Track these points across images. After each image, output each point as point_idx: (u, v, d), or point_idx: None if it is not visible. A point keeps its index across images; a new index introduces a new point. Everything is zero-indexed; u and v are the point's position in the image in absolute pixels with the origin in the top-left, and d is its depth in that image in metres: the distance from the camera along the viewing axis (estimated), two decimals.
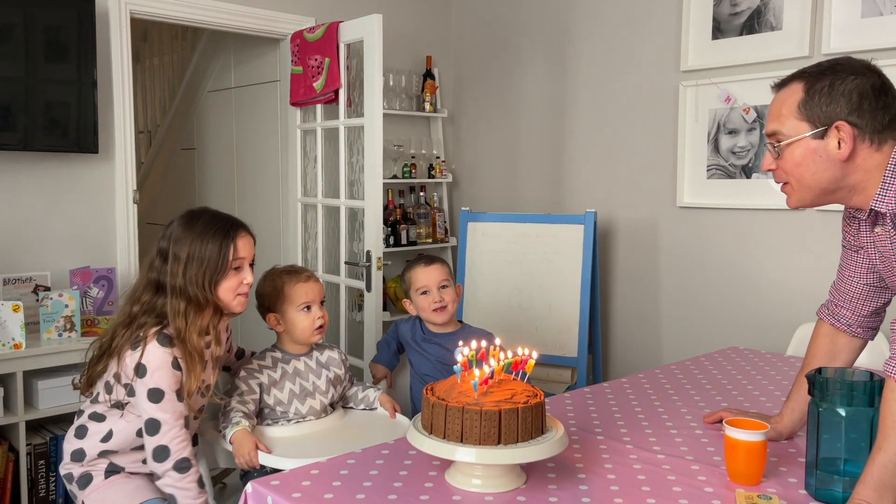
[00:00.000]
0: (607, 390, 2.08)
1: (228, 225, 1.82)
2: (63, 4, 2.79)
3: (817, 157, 1.35)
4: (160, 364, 1.71)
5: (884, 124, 1.31)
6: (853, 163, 1.34)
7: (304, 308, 2.04)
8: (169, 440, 1.70)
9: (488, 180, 4.09)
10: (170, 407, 1.71)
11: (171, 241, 1.78)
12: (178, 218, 1.83)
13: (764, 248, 3.07)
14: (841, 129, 1.32)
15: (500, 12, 3.97)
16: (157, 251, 1.80)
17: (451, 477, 1.45)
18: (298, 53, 3.46)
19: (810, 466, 1.39)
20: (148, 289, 1.79)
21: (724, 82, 3.10)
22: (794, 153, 1.37)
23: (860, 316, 1.58)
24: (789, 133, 1.36)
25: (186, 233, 1.78)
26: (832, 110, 1.32)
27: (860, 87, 1.31)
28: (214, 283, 1.78)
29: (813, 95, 1.34)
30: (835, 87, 1.32)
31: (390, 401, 2.13)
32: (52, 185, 2.92)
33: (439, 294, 2.26)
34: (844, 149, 1.32)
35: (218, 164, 4.34)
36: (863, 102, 1.31)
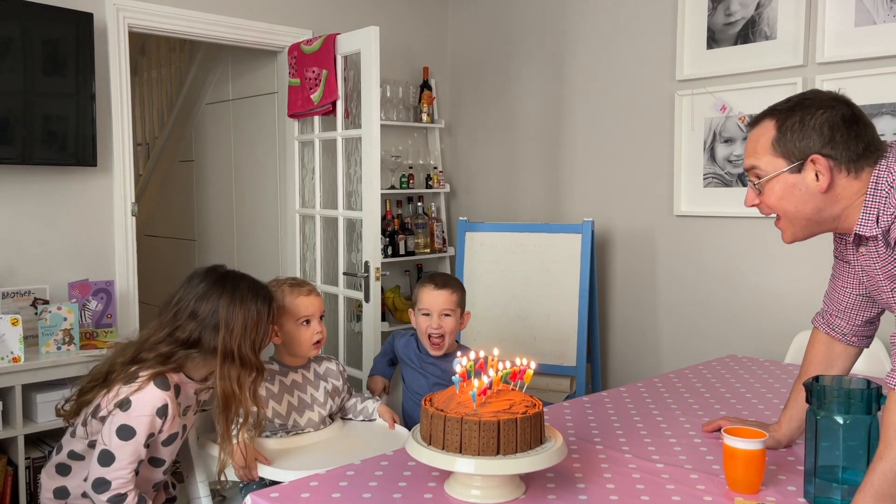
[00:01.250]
0: (606, 399, 2.09)
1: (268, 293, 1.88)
2: (62, 18, 2.80)
3: (797, 190, 1.38)
4: (146, 406, 1.69)
5: (858, 153, 1.34)
6: (833, 193, 1.36)
7: (303, 322, 2.04)
8: (114, 477, 1.69)
9: (486, 190, 4.10)
10: (132, 449, 1.69)
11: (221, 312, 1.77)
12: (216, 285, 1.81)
13: (761, 256, 3.08)
14: (817, 163, 1.35)
15: (497, 23, 3.99)
16: (190, 313, 1.78)
17: (450, 488, 1.45)
18: (296, 65, 3.48)
19: (809, 474, 1.40)
20: (167, 343, 1.77)
21: (720, 91, 3.12)
22: (774, 189, 1.40)
23: (854, 325, 1.59)
24: (767, 169, 1.40)
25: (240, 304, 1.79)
26: (805, 145, 1.35)
27: (830, 119, 1.34)
28: (261, 347, 1.84)
29: (785, 132, 1.37)
30: (805, 122, 1.35)
31: (389, 412, 2.13)
32: (50, 198, 2.92)
33: (438, 321, 2.22)
34: (822, 181, 1.35)
35: (216, 175, 4.35)
36: (835, 134, 1.34)
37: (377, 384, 2.38)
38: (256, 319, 1.80)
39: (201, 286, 1.80)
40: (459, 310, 2.27)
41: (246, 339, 1.78)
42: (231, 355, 1.76)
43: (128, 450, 1.68)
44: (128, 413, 1.68)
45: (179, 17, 3.19)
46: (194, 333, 1.76)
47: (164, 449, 1.79)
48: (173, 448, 1.82)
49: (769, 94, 2.96)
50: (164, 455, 1.81)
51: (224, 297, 1.78)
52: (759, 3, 3.01)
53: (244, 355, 1.77)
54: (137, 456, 1.70)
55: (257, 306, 1.80)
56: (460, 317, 2.27)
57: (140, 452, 1.71)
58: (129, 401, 1.69)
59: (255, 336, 1.80)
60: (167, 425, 1.74)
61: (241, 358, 1.77)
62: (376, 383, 2.38)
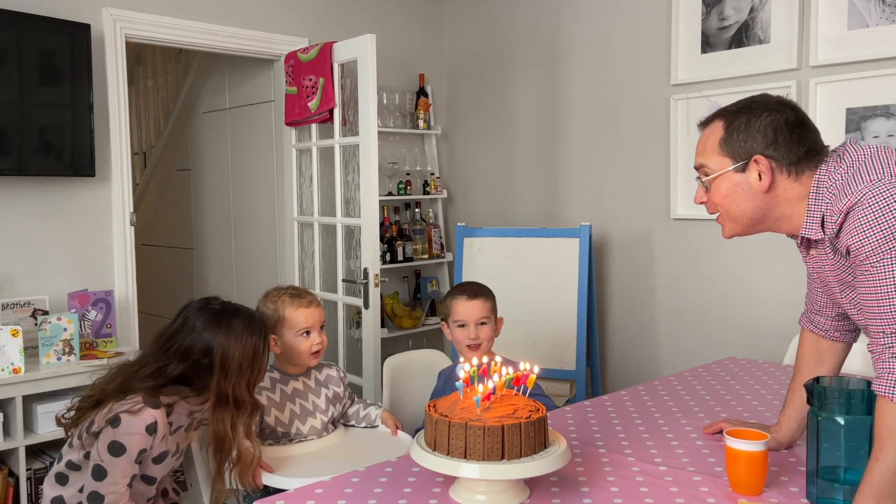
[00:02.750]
0: (607, 403, 2.09)
1: (263, 327, 1.85)
2: (58, 29, 2.81)
3: (741, 189, 1.43)
4: (136, 425, 1.69)
5: (799, 156, 1.40)
6: (774, 193, 1.42)
7: (302, 333, 2.04)
8: (107, 492, 1.69)
9: (483, 195, 4.12)
10: (123, 465, 1.69)
11: (216, 353, 1.74)
12: (211, 323, 1.77)
13: (758, 259, 3.09)
14: (759, 163, 1.40)
15: (492, 30, 4.01)
16: (183, 351, 1.76)
17: (455, 493, 1.46)
18: (293, 74, 3.49)
19: (811, 475, 1.41)
20: (156, 377, 1.76)
21: (714, 95, 3.14)
22: (720, 187, 1.46)
23: (833, 320, 1.63)
24: (714, 168, 1.45)
25: (236, 343, 1.75)
26: (750, 145, 1.41)
27: (774, 122, 1.40)
28: (256, 384, 1.83)
29: (732, 133, 1.43)
30: (751, 124, 1.41)
31: (392, 418, 2.14)
32: (48, 209, 2.92)
33: (476, 331, 2.20)
34: (764, 180, 1.41)
35: (213, 184, 4.35)
36: (777, 137, 1.39)
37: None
38: (252, 358, 1.77)
39: (196, 322, 1.76)
40: (493, 316, 2.26)
41: (241, 379, 1.75)
42: (225, 398, 1.74)
43: (119, 465, 1.69)
44: (117, 430, 1.68)
45: (176, 26, 3.20)
46: (186, 371, 1.75)
47: (154, 467, 1.79)
48: (164, 466, 1.81)
49: None
50: (155, 473, 1.80)
51: (219, 336, 1.74)
52: (752, 8, 3.03)
53: (239, 397, 1.75)
54: (130, 471, 1.70)
55: (253, 342, 1.77)
56: (495, 323, 2.26)
57: (132, 468, 1.71)
58: (119, 418, 1.68)
59: (251, 375, 1.78)
60: (157, 442, 1.73)
61: (235, 400, 1.75)
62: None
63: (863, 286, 1.32)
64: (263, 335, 1.82)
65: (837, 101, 2.83)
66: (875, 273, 1.29)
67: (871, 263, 1.29)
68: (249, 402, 1.78)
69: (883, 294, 1.28)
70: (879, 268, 1.28)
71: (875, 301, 1.29)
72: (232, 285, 4.20)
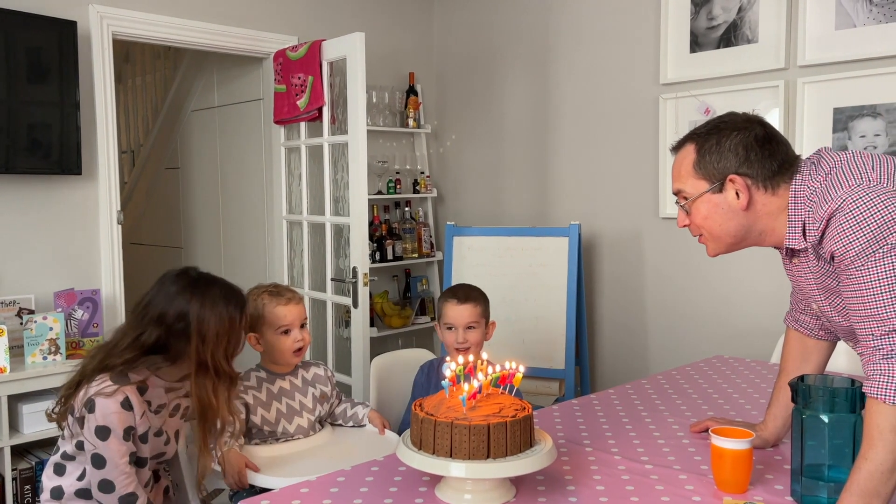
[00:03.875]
0: (595, 401, 2.10)
1: (242, 299, 1.82)
2: (45, 26, 2.79)
3: (720, 209, 1.45)
4: (109, 404, 1.68)
5: (773, 170, 1.41)
6: (754, 210, 1.43)
7: (283, 331, 2.03)
8: (115, 476, 1.68)
9: (473, 194, 4.12)
10: (116, 446, 1.68)
11: (192, 318, 1.72)
12: (186, 289, 1.75)
13: (746, 258, 3.09)
14: (735, 182, 1.41)
15: (482, 29, 4.01)
16: (158, 317, 1.73)
17: (441, 492, 1.46)
18: (282, 72, 3.48)
19: (795, 473, 1.41)
20: (133, 348, 1.74)
21: (703, 94, 3.15)
22: (700, 209, 1.47)
23: (818, 319, 1.64)
24: (691, 191, 1.47)
25: (211, 313, 1.73)
26: (723, 165, 1.42)
27: (744, 140, 1.41)
28: (233, 355, 1.80)
29: (704, 155, 1.44)
30: (722, 144, 1.42)
31: (379, 417, 2.13)
32: (35, 207, 2.90)
33: (464, 335, 2.20)
34: (742, 199, 1.42)
35: (202, 183, 4.33)
36: (749, 154, 1.41)
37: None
38: (228, 327, 1.74)
39: (172, 289, 1.75)
40: (484, 321, 2.24)
41: (219, 347, 1.73)
42: (205, 365, 1.72)
43: (112, 447, 1.68)
44: (96, 414, 1.68)
45: (164, 24, 3.19)
46: (161, 339, 1.72)
47: (142, 446, 1.77)
48: (152, 446, 1.79)
49: (752, 96, 3.01)
50: (144, 452, 1.78)
51: (194, 301, 1.72)
52: (740, 7, 3.04)
53: (218, 365, 1.74)
54: (125, 449, 1.69)
55: (229, 312, 1.75)
56: (485, 328, 2.25)
57: (125, 445, 1.70)
58: (93, 401, 1.68)
59: (228, 344, 1.75)
60: (139, 420, 1.72)
61: (215, 368, 1.73)
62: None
63: (848, 290, 1.33)
64: (241, 307, 1.78)
65: (825, 100, 2.85)
66: (860, 277, 1.29)
67: (856, 267, 1.30)
68: (229, 372, 1.76)
69: (869, 297, 1.29)
70: (864, 271, 1.29)
71: (861, 304, 1.30)
72: None
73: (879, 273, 1.27)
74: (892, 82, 2.70)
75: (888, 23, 2.69)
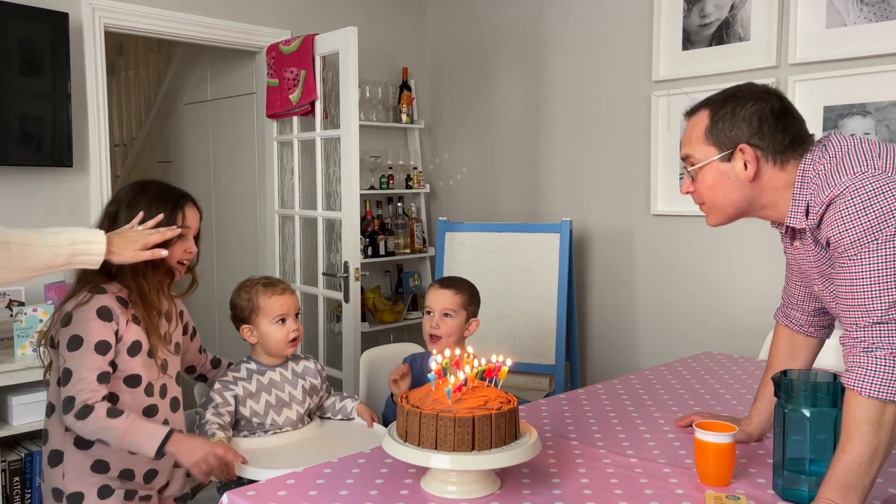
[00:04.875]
0: (582, 396, 2.11)
1: (179, 194, 1.85)
2: (37, 18, 2.78)
3: (726, 178, 1.43)
4: (86, 312, 1.68)
5: (784, 145, 1.40)
6: (760, 182, 1.42)
7: (278, 321, 2.04)
8: (76, 391, 1.66)
9: (465, 190, 4.12)
10: (86, 359, 1.67)
11: (124, 204, 1.77)
12: (128, 185, 1.85)
13: (736, 255, 3.12)
14: (744, 152, 1.40)
15: (476, 24, 4.01)
16: (106, 215, 1.80)
17: (426, 484, 1.47)
18: (274, 66, 3.47)
19: (777, 467, 1.42)
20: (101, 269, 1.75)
21: (695, 92, 3.15)
22: (706, 176, 1.46)
23: (809, 316, 1.65)
24: (700, 157, 1.45)
25: (139, 198, 1.78)
26: (735, 134, 1.41)
27: (759, 111, 1.40)
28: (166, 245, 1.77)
29: (717, 121, 1.43)
30: (736, 113, 1.41)
31: (368, 410, 2.14)
32: (26, 199, 2.89)
33: (438, 320, 2.20)
34: (750, 169, 1.41)
35: (195, 176, 4.33)
36: (762, 125, 1.40)
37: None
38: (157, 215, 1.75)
39: (121, 192, 1.81)
40: (465, 313, 2.23)
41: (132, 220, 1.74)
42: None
43: (81, 359, 1.66)
44: (71, 325, 1.68)
45: (156, 16, 3.18)
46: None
47: (132, 360, 1.75)
48: (143, 362, 1.78)
49: None
50: (137, 369, 1.76)
51: (135, 197, 1.77)
52: (732, 5, 3.05)
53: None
54: (94, 364, 1.67)
55: (160, 203, 1.77)
56: (465, 321, 2.23)
57: (96, 360, 1.67)
58: (71, 314, 1.69)
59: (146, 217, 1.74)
60: (123, 330, 1.72)
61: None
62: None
63: (839, 277, 1.33)
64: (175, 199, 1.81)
65: (815, 98, 2.86)
66: (852, 265, 1.29)
67: (849, 256, 1.30)
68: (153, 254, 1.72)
69: (858, 286, 1.28)
70: (856, 260, 1.28)
71: (850, 293, 1.30)
72: (213, 279, 4.18)
73: (871, 263, 1.27)
74: (883, 81, 2.72)
75: (879, 22, 2.70)
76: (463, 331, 2.24)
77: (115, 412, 1.68)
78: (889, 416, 1.25)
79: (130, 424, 1.68)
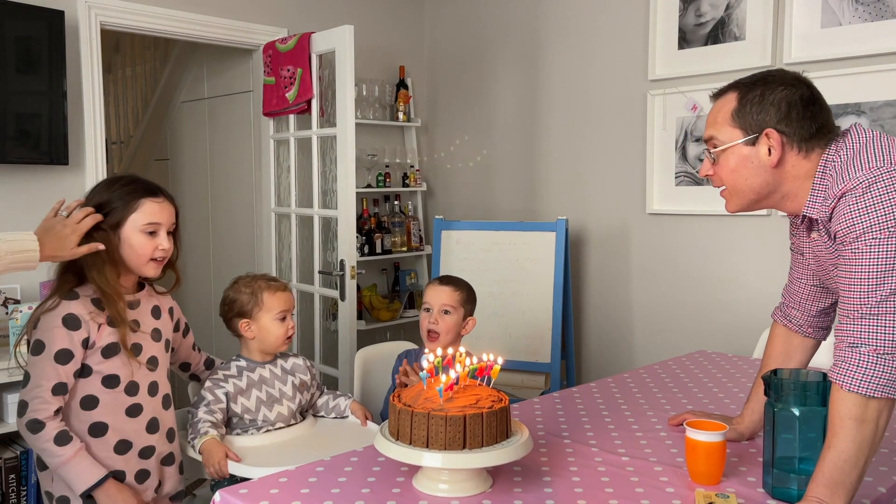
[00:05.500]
0: (576, 395, 2.11)
1: (143, 187, 1.81)
2: (33, 16, 2.78)
3: (749, 163, 1.42)
4: (53, 319, 1.68)
5: (811, 133, 1.39)
6: (783, 169, 1.41)
7: (280, 317, 2.06)
8: (30, 398, 1.66)
9: (462, 189, 4.12)
10: (45, 365, 1.66)
11: (94, 201, 1.77)
12: (102, 181, 1.86)
13: (731, 253, 3.13)
14: (770, 137, 1.39)
15: (472, 23, 4.01)
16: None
17: (418, 482, 1.47)
18: (271, 64, 3.47)
19: (767, 465, 1.43)
20: (73, 264, 1.76)
21: (691, 91, 3.16)
22: (728, 159, 1.44)
23: (809, 316, 1.64)
24: (724, 139, 1.44)
25: (101, 191, 1.78)
26: (762, 118, 1.39)
27: (789, 97, 1.39)
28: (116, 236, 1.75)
29: (745, 104, 1.41)
30: (765, 97, 1.40)
31: (361, 408, 2.15)
32: (22, 196, 2.89)
33: (437, 317, 2.20)
34: (774, 155, 1.39)
35: (192, 174, 4.33)
36: (791, 112, 1.38)
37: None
38: (111, 204, 1.74)
39: (97, 185, 1.81)
40: (463, 310, 2.24)
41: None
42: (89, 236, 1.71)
43: (39, 365, 1.66)
44: (38, 329, 1.69)
45: (152, 14, 3.18)
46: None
47: (107, 361, 1.73)
48: (123, 362, 1.76)
49: None
50: (115, 369, 1.74)
51: (102, 189, 1.77)
52: (728, 4, 3.05)
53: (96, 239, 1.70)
54: (53, 374, 1.66)
55: (120, 194, 1.75)
56: (462, 318, 2.24)
57: (55, 370, 1.66)
58: (39, 318, 1.70)
59: (109, 216, 1.73)
60: (95, 335, 1.70)
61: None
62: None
63: (841, 269, 1.33)
64: (138, 191, 1.78)
65: None
66: (853, 258, 1.29)
67: (852, 249, 1.29)
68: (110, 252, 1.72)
69: (855, 278, 1.28)
70: (858, 253, 1.28)
71: (847, 284, 1.30)
72: (209, 276, 4.19)
73: (871, 256, 1.27)
74: (877, 81, 2.72)
75: (874, 21, 2.71)
76: (460, 328, 2.24)
77: (63, 438, 1.67)
78: (872, 411, 1.25)
79: (72, 457, 1.68)
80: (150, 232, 1.78)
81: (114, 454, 1.77)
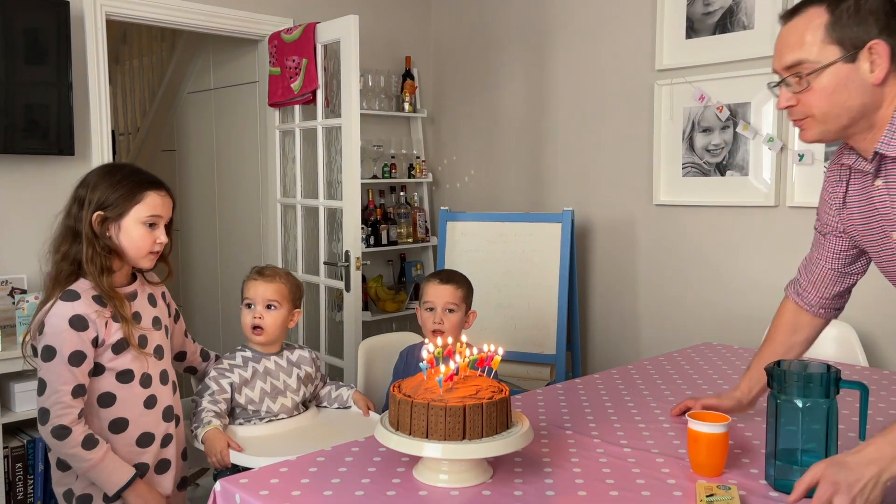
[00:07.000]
0: (579, 386, 2.11)
1: (147, 179, 1.80)
2: (39, 7, 2.79)
3: (850, 82, 1.25)
4: (58, 322, 1.66)
5: None
6: (883, 89, 1.26)
7: (246, 305, 2.07)
8: (51, 404, 1.64)
9: (468, 180, 4.11)
10: (60, 370, 1.64)
11: (89, 187, 1.75)
12: (98, 168, 1.83)
13: (738, 245, 3.10)
14: (874, 50, 1.23)
15: (479, 13, 3.99)
16: (74, 197, 1.77)
17: (418, 473, 1.47)
18: (276, 54, 3.47)
19: (769, 457, 1.42)
20: (66, 237, 1.75)
21: (698, 81, 3.13)
22: (824, 82, 1.26)
23: (823, 298, 1.61)
24: (818, 59, 1.26)
25: (103, 181, 1.75)
26: (862, 30, 1.23)
27: (884, 4, 1.24)
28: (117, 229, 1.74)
29: (840, 16, 1.25)
30: (861, 6, 1.24)
31: (364, 399, 2.15)
32: (29, 187, 2.91)
33: (442, 316, 2.19)
34: (878, 71, 1.24)
35: (198, 165, 4.33)
36: (890, 21, 1.24)
37: None
38: (111, 199, 1.72)
39: (90, 174, 1.78)
40: (465, 306, 2.23)
41: (90, 212, 1.71)
42: (85, 236, 1.71)
43: (54, 371, 1.64)
44: (45, 334, 1.66)
45: (158, 5, 3.17)
46: (78, 221, 1.72)
47: (119, 357, 1.73)
48: (133, 356, 1.75)
49: (747, 83, 3.00)
50: (128, 364, 1.74)
51: (99, 180, 1.74)
52: None
53: (88, 230, 1.70)
54: (70, 377, 1.65)
55: (121, 187, 1.73)
56: (465, 314, 2.24)
57: (71, 373, 1.65)
58: (44, 323, 1.68)
59: (106, 210, 1.71)
60: (104, 333, 1.69)
61: (92, 238, 1.70)
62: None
63: None
64: (139, 184, 1.76)
65: None
66: None
67: None
68: (91, 237, 1.71)
69: None
70: None
71: None
72: (216, 267, 4.20)
73: None
74: None
75: None
76: (463, 323, 2.24)
77: (90, 442, 1.68)
78: None
79: (101, 460, 1.68)
80: (150, 224, 1.78)
81: (136, 447, 1.78)
